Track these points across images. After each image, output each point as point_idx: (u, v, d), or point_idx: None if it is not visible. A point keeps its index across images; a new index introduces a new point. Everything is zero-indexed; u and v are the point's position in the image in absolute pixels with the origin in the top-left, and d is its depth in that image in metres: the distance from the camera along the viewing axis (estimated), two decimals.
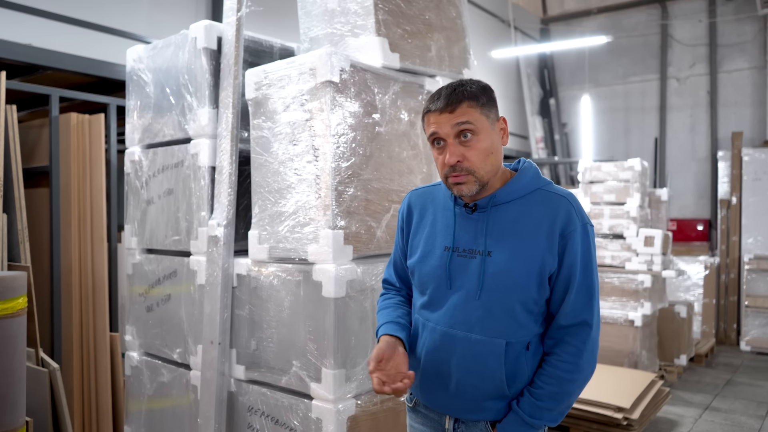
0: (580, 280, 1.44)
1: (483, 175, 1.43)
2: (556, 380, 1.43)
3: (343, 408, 1.97)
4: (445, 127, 1.42)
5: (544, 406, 1.42)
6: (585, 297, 1.44)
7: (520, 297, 1.42)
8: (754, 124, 7.98)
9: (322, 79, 2.02)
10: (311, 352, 2.02)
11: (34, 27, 3.85)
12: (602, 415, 3.74)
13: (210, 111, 2.37)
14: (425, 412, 1.58)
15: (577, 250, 1.43)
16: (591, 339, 1.44)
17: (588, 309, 1.44)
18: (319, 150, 2.04)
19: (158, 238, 2.60)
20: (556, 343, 1.46)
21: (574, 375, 1.43)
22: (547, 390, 1.42)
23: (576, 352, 1.43)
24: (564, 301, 1.44)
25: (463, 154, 1.41)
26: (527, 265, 1.42)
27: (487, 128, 1.44)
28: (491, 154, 1.44)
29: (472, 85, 1.45)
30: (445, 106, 1.42)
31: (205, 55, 2.37)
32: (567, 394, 1.43)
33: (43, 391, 2.74)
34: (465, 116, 1.41)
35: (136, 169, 2.72)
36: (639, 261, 5.45)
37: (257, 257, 2.23)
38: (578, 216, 1.45)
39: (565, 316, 1.45)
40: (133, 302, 2.74)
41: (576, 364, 1.43)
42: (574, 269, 1.43)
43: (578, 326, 1.44)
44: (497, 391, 1.45)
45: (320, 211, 2.03)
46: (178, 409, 2.50)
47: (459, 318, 1.45)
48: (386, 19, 2.25)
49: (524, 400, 1.44)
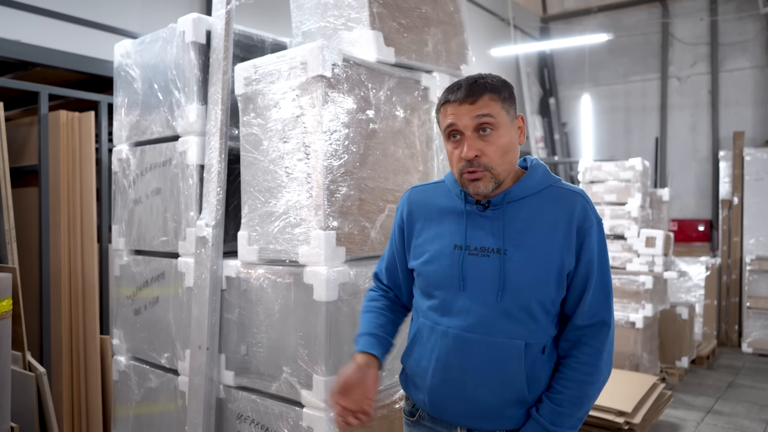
0: (597, 278, 1.39)
1: (500, 172, 1.37)
2: (577, 383, 1.36)
3: (334, 416, 1.89)
4: (464, 119, 1.36)
5: (565, 411, 1.35)
6: (602, 296, 1.40)
7: (538, 296, 1.36)
8: (756, 124, 7.91)
9: (313, 74, 1.94)
10: (302, 357, 1.95)
11: (24, 23, 3.78)
12: (603, 419, 3.66)
13: (199, 107, 2.30)
14: (431, 426, 1.48)
15: (594, 247, 1.38)
16: (609, 339, 1.40)
17: (606, 308, 1.40)
18: (310, 147, 1.96)
19: (146, 238, 2.52)
20: (573, 345, 1.40)
21: (594, 377, 1.37)
22: (567, 395, 1.36)
23: (595, 353, 1.38)
24: (581, 301, 1.39)
25: (481, 149, 1.35)
26: (546, 262, 1.36)
27: (507, 124, 1.38)
28: (509, 152, 1.38)
29: (493, 78, 1.39)
30: (465, 96, 1.35)
31: (194, 49, 2.30)
32: (587, 397, 1.37)
33: (30, 396, 2.67)
34: (486, 109, 1.35)
35: (123, 167, 2.64)
36: (640, 262, 5.39)
37: (247, 259, 2.15)
38: (593, 212, 1.41)
39: (583, 316, 1.39)
40: (120, 305, 2.66)
41: (596, 365, 1.38)
42: (592, 266, 1.38)
43: (596, 326, 1.39)
44: (517, 396, 1.37)
45: (312, 211, 1.95)
46: (165, 416, 2.42)
47: (475, 320, 1.37)
48: (381, 12, 2.18)
49: (544, 406, 1.37)
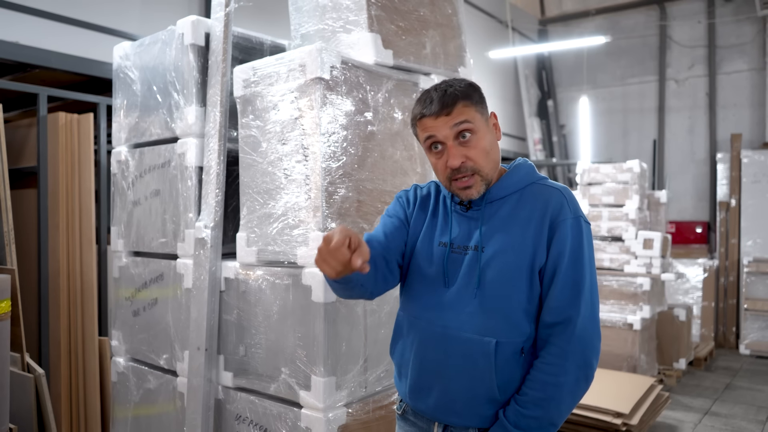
0: (566, 273, 1.35)
1: (487, 173, 1.41)
2: (540, 384, 1.33)
3: (333, 417, 1.90)
4: (443, 129, 1.39)
5: (529, 414, 1.33)
6: (571, 292, 1.35)
7: (512, 293, 1.36)
8: (753, 126, 7.93)
9: (311, 76, 1.95)
10: (300, 358, 1.95)
11: (22, 24, 3.78)
12: (601, 421, 3.67)
13: (197, 109, 2.31)
14: (414, 420, 1.52)
15: (566, 240, 1.36)
16: (576, 337, 1.33)
17: (574, 305, 1.34)
18: (308, 149, 1.97)
19: (145, 240, 2.52)
20: (542, 345, 1.38)
21: (559, 378, 1.32)
22: (530, 396, 1.34)
23: (560, 353, 1.33)
24: (548, 296, 1.36)
25: (465, 155, 1.39)
26: (518, 257, 1.36)
27: (483, 126, 1.42)
28: (491, 151, 1.43)
29: (460, 84, 1.42)
30: (440, 109, 1.39)
31: (193, 51, 2.30)
32: (554, 399, 1.32)
33: (29, 398, 2.67)
34: (462, 116, 1.38)
35: (122, 169, 2.65)
36: (638, 264, 5.40)
37: (245, 260, 2.16)
38: (570, 208, 1.39)
39: (550, 313, 1.36)
40: (119, 306, 2.66)
41: (560, 366, 1.32)
42: (561, 259, 1.36)
43: (562, 324, 1.34)
44: (487, 394, 1.37)
45: (310, 213, 1.96)
46: (164, 417, 2.43)
47: (452, 315, 1.40)
48: (379, 14, 2.19)
49: (510, 408, 1.36)
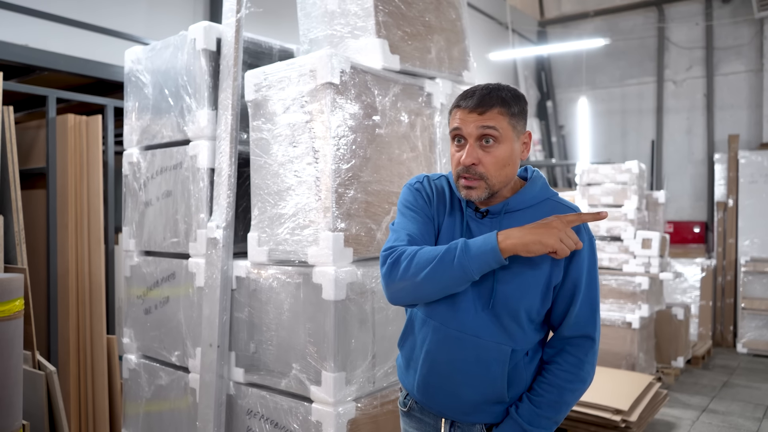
0: (585, 294, 1.44)
1: (494, 183, 1.42)
2: (557, 389, 1.43)
3: (343, 411, 1.96)
4: (469, 126, 1.41)
5: (543, 414, 1.42)
6: (589, 311, 1.45)
7: (525, 306, 1.42)
8: (751, 127, 8.00)
9: (322, 81, 2.01)
10: (311, 354, 2.01)
11: (31, 28, 3.84)
12: (600, 417, 3.73)
13: (209, 112, 2.36)
14: (420, 416, 1.56)
15: (584, 264, 1.44)
16: (593, 351, 1.46)
17: (591, 323, 1.45)
18: (319, 152, 2.03)
19: (156, 240, 2.58)
20: (558, 353, 1.46)
21: (575, 385, 1.44)
22: (547, 398, 1.43)
23: (578, 363, 1.44)
24: (568, 314, 1.45)
25: (479, 158, 1.40)
26: (535, 275, 1.42)
27: (510, 138, 1.42)
28: (507, 165, 1.42)
29: (507, 92, 1.43)
30: (475, 106, 1.40)
31: (204, 56, 2.36)
32: (566, 403, 1.44)
33: (40, 394, 2.72)
34: (492, 121, 1.39)
35: (134, 170, 2.71)
36: (636, 263, 5.46)
37: (256, 259, 2.21)
38: (585, 230, 1.46)
39: (569, 328, 1.46)
40: (131, 304, 2.72)
41: (577, 374, 1.44)
42: (580, 282, 1.44)
43: (581, 338, 1.46)
44: (497, 395, 1.44)
45: (320, 213, 2.02)
46: (176, 413, 2.48)
47: (467, 321, 1.43)
48: (386, 20, 2.25)
49: (523, 406, 1.43)
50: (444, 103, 2.45)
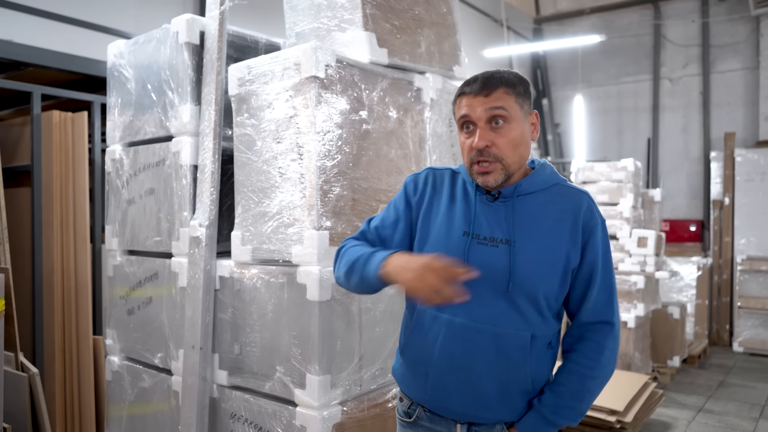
0: (601, 277, 1.43)
1: (510, 164, 1.40)
2: (579, 377, 1.40)
3: (328, 415, 1.91)
4: (477, 110, 1.39)
5: (566, 404, 1.39)
6: (606, 295, 1.44)
7: (544, 289, 1.39)
8: (747, 125, 7.96)
9: (306, 75, 1.95)
10: (295, 357, 1.95)
11: (16, 23, 3.77)
12: (595, 418, 3.69)
13: (192, 108, 2.30)
14: (430, 425, 1.48)
15: (599, 246, 1.43)
16: (612, 336, 1.43)
17: (609, 308, 1.44)
18: (303, 148, 1.97)
19: (139, 239, 2.52)
20: (577, 340, 1.45)
21: (595, 371, 1.41)
22: (569, 387, 1.40)
23: (597, 348, 1.42)
24: (585, 298, 1.43)
25: (492, 140, 1.39)
26: (553, 256, 1.39)
27: (519, 118, 1.41)
28: (520, 145, 1.41)
29: (509, 74, 1.43)
30: (480, 89, 1.39)
31: (187, 50, 2.30)
32: (588, 391, 1.41)
33: (23, 397, 2.66)
34: (499, 101, 1.38)
35: (117, 168, 2.64)
36: (632, 262, 5.42)
37: (240, 259, 2.16)
38: (597, 213, 1.45)
39: (587, 313, 1.44)
40: (113, 305, 2.66)
41: (597, 360, 1.41)
42: (596, 265, 1.42)
43: (600, 324, 1.44)
44: (521, 387, 1.40)
45: (305, 211, 1.96)
46: (159, 416, 2.42)
47: (482, 310, 1.38)
48: (374, 13, 2.19)
49: (546, 397, 1.40)
50: (434, 99, 2.39)
